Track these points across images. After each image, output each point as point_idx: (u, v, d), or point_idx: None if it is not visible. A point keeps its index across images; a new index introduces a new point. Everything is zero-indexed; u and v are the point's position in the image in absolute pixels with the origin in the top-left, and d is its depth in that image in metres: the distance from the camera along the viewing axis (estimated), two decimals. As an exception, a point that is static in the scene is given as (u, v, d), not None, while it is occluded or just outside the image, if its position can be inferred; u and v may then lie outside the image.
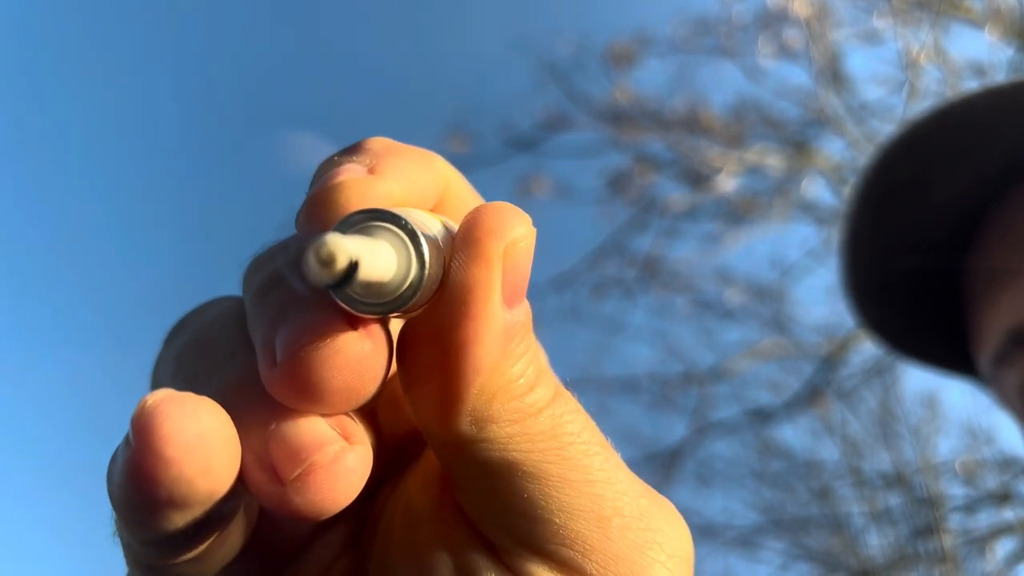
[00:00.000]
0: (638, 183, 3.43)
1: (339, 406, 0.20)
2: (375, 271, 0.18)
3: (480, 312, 0.20)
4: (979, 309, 0.57)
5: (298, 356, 0.19)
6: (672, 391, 3.44)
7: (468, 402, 0.21)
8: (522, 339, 0.21)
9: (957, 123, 0.56)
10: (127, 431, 0.19)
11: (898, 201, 0.58)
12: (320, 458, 0.19)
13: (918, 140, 0.57)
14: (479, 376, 0.20)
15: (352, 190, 0.21)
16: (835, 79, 3.23)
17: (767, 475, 3.48)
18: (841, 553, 3.41)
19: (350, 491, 0.20)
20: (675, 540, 0.22)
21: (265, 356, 0.20)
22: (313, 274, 0.17)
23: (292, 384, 0.19)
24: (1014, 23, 2.98)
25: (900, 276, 0.61)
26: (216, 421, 0.19)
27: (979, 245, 0.58)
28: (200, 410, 0.19)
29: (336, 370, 0.19)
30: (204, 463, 0.18)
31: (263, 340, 0.20)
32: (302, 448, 0.19)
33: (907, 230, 0.59)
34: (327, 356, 0.19)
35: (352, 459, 0.20)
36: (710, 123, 3.35)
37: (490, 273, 0.20)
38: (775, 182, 3.40)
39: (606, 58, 3.44)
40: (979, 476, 3.08)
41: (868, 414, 3.45)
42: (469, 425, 0.21)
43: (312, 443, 0.19)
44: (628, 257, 3.44)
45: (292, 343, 0.19)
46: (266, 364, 0.20)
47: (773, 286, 3.44)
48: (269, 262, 0.22)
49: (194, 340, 0.23)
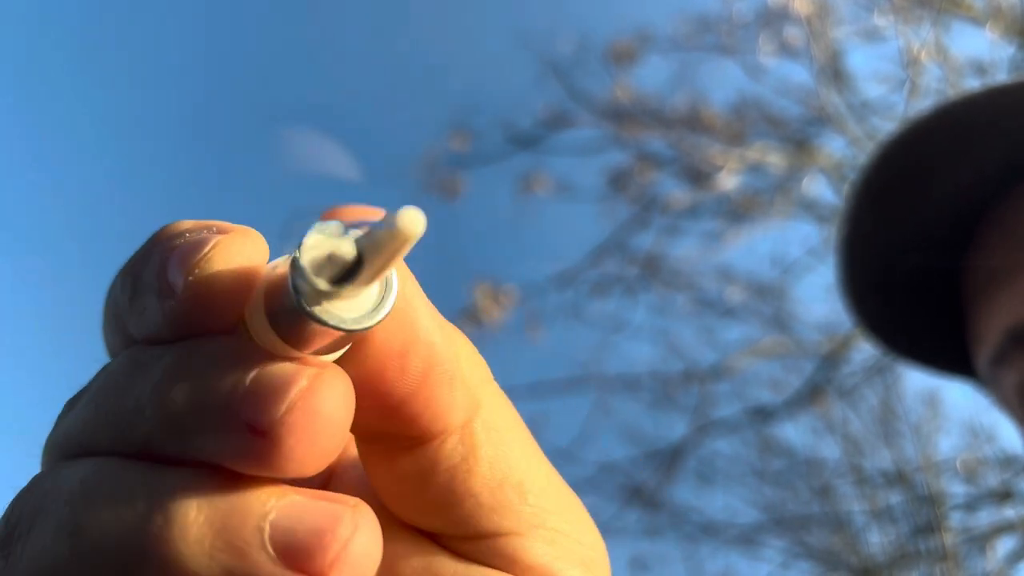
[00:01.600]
0: (639, 181, 3.42)
1: (323, 463, 0.18)
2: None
3: (419, 292, 0.20)
4: (978, 308, 0.57)
5: (290, 423, 0.17)
6: (673, 389, 3.44)
7: (460, 376, 0.20)
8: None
9: (958, 121, 0.56)
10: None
11: (898, 199, 0.58)
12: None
13: (919, 138, 0.57)
14: (450, 348, 0.20)
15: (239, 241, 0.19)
16: (836, 77, 3.23)
17: (768, 473, 3.48)
18: (842, 551, 3.41)
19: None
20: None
21: (230, 425, 0.18)
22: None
23: (290, 456, 0.17)
24: (1015, 21, 2.98)
25: (899, 275, 0.60)
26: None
27: (979, 244, 0.58)
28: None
29: (338, 426, 0.18)
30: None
31: (222, 405, 0.18)
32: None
33: (906, 228, 0.59)
34: (328, 416, 0.18)
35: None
36: (711, 121, 3.35)
37: (410, 276, 0.20)
38: (776, 180, 3.40)
39: (607, 56, 3.43)
40: (980, 474, 3.08)
41: (869, 412, 3.45)
42: (468, 400, 0.21)
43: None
44: (629, 255, 3.44)
45: (275, 406, 0.17)
46: (238, 436, 0.18)
47: (774, 284, 3.44)
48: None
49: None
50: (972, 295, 0.58)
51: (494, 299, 3.36)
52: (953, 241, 0.58)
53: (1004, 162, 0.56)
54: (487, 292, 3.36)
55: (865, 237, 0.60)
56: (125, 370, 0.20)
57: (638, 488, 3.37)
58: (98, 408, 0.19)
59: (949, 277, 0.60)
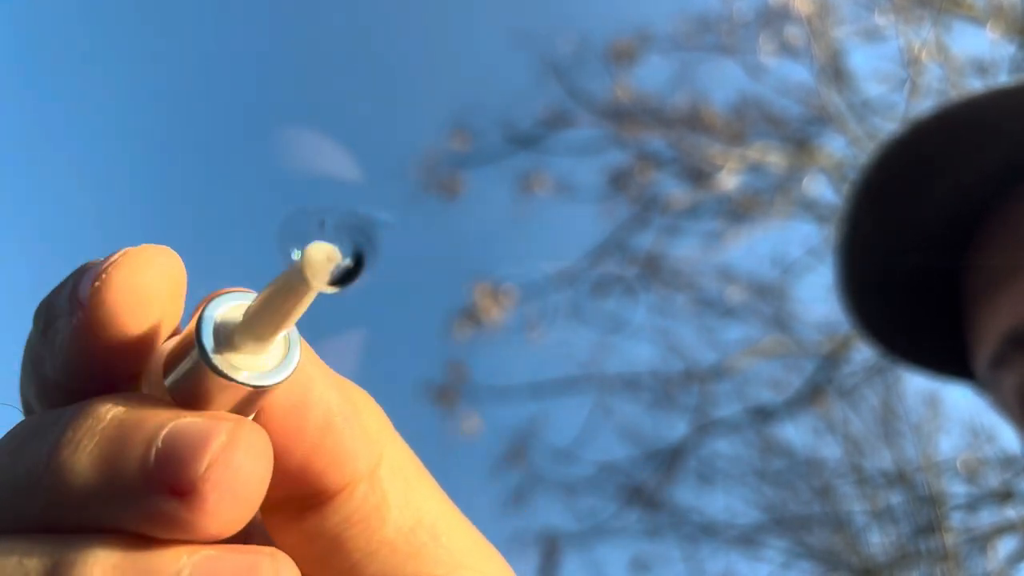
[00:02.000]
0: (639, 180, 3.42)
1: (240, 525, 0.17)
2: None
3: (312, 356, 0.20)
4: (977, 310, 0.56)
5: (214, 480, 0.16)
6: (673, 389, 3.43)
7: (360, 429, 0.20)
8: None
9: (960, 122, 0.55)
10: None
11: (898, 198, 0.58)
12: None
13: (920, 138, 0.56)
14: (346, 404, 0.20)
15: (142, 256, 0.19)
16: (837, 76, 3.22)
17: (768, 473, 3.48)
18: (843, 551, 3.41)
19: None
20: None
21: (146, 489, 0.16)
22: (316, 274, 0.16)
23: (214, 514, 0.16)
24: (1016, 20, 2.98)
25: (898, 275, 0.60)
26: None
27: (979, 244, 0.58)
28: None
29: (261, 480, 0.17)
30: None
31: (135, 467, 0.17)
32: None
33: (906, 228, 0.58)
34: (251, 470, 0.17)
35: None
36: (711, 120, 3.35)
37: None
38: (776, 180, 3.39)
39: (607, 55, 3.43)
40: (981, 474, 3.08)
41: (870, 412, 3.44)
42: (369, 452, 0.20)
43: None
44: (629, 255, 3.44)
45: (196, 463, 0.16)
46: (156, 499, 0.16)
47: (774, 284, 3.44)
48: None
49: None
50: (972, 296, 0.57)
51: (493, 299, 3.36)
52: (953, 242, 0.58)
53: (1005, 162, 0.55)
54: (486, 292, 3.36)
55: (864, 237, 0.59)
56: (20, 437, 0.18)
57: (638, 488, 3.36)
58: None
59: (949, 278, 0.59)
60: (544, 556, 3.19)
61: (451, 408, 3.33)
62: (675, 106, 3.42)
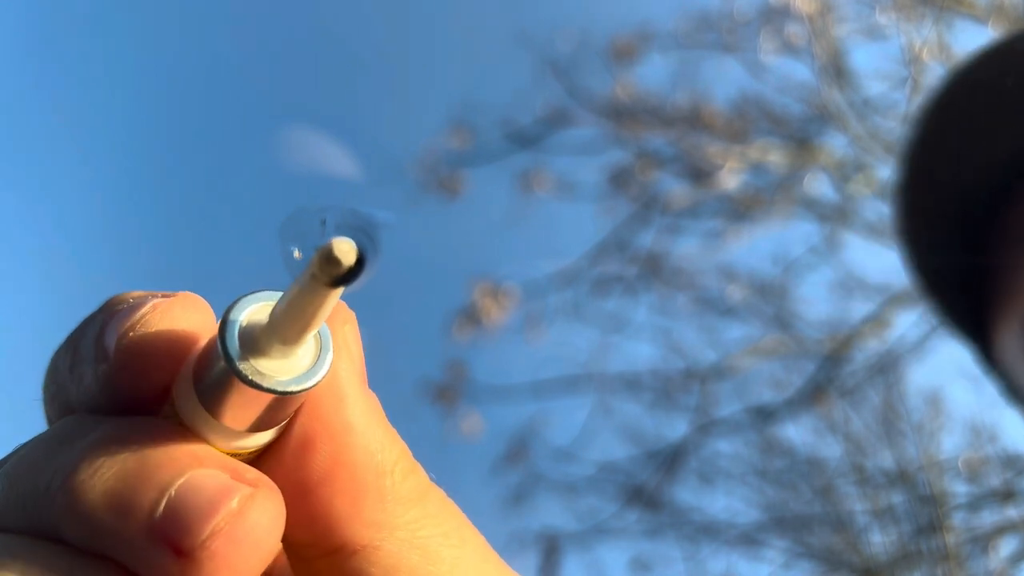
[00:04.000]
0: (640, 179, 3.41)
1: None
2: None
3: (356, 396, 0.19)
4: (1012, 273, 0.54)
5: (213, 549, 0.16)
6: (674, 389, 3.43)
7: (377, 485, 0.19)
8: (386, 421, 0.20)
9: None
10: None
11: (970, 134, 0.54)
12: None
13: (1003, 61, 0.53)
14: (375, 455, 0.19)
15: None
16: (838, 75, 3.22)
17: (769, 473, 3.47)
18: (844, 551, 3.40)
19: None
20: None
21: (148, 537, 0.16)
22: (323, 270, 0.16)
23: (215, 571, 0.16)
24: (1017, 19, 2.97)
25: (965, 215, 0.57)
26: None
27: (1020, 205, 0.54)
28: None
29: (264, 551, 0.17)
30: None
31: (143, 514, 0.16)
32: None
33: (980, 166, 0.55)
34: (255, 543, 0.17)
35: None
36: (712, 119, 3.34)
37: (349, 356, 0.19)
38: (777, 178, 3.39)
39: (608, 53, 3.42)
40: (983, 474, 3.07)
41: (871, 411, 3.44)
42: (382, 512, 0.19)
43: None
44: (630, 254, 3.43)
45: (200, 528, 0.16)
46: (156, 550, 0.16)
47: (775, 283, 3.43)
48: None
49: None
50: (1008, 257, 0.54)
51: (494, 298, 3.35)
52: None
53: None
54: (487, 291, 3.35)
55: (933, 172, 0.56)
56: (48, 443, 0.18)
57: (639, 488, 3.36)
58: (13, 482, 0.18)
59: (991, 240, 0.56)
60: (544, 556, 3.18)
61: (451, 408, 3.33)
62: (676, 104, 3.41)
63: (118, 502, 0.16)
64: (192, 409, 0.18)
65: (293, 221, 0.17)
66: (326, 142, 0.21)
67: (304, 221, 0.17)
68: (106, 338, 0.18)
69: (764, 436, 3.47)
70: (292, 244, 0.17)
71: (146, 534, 0.16)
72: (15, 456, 0.19)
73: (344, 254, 0.16)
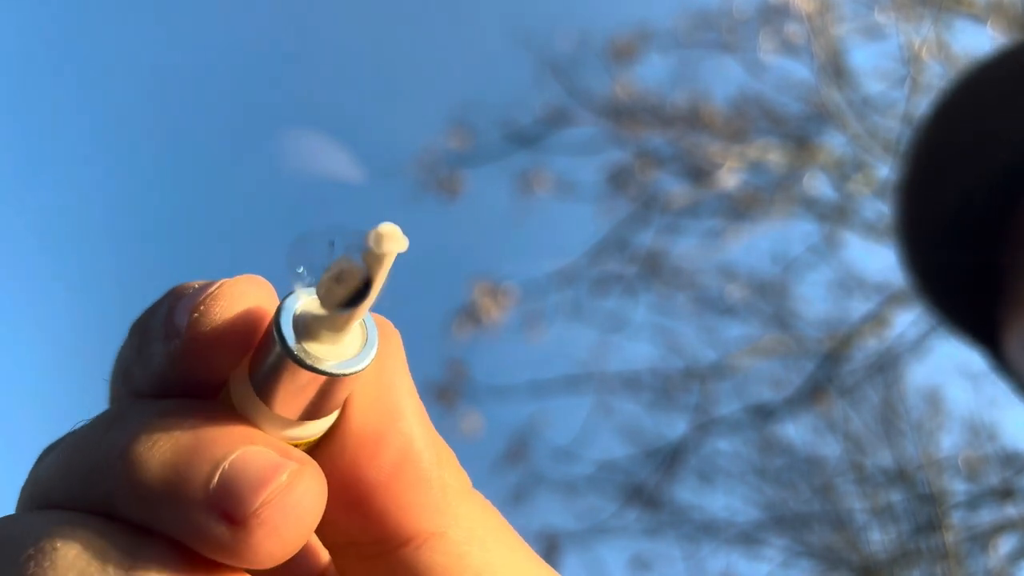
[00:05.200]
0: (639, 178, 3.42)
1: (290, 555, 0.18)
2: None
3: (414, 397, 0.20)
4: (1021, 273, 0.54)
5: (264, 517, 0.17)
6: (673, 388, 3.43)
7: (439, 479, 0.20)
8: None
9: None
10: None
11: (964, 144, 0.55)
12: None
13: (1004, 71, 0.53)
14: (433, 453, 0.20)
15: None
16: (837, 74, 3.22)
17: (769, 472, 3.47)
18: (843, 549, 3.40)
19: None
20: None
21: (202, 507, 0.17)
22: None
23: (258, 548, 0.17)
24: (1016, 17, 2.97)
25: (960, 224, 0.57)
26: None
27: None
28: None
29: (308, 524, 0.18)
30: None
31: (198, 485, 0.17)
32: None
33: (974, 174, 0.55)
34: (301, 514, 0.17)
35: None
36: (711, 118, 3.34)
37: (403, 362, 0.20)
38: (777, 177, 3.39)
39: (607, 53, 3.42)
40: (982, 472, 3.08)
41: (870, 410, 3.44)
42: (445, 503, 0.20)
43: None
44: (629, 253, 3.43)
45: (253, 497, 0.17)
46: (208, 520, 0.17)
47: (775, 282, 3.43)
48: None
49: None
50: (1017, 259, 0.55)
51: (494, 298, 3.36)
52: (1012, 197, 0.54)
53: None
54: (486, 291, 3.35)
55: (929, 179, 0.57)
56: (105, 422, 0.19)
57: (638, 487, 3.36)
58: (69, 458, 0.19)
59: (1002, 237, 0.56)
60: (544, 555, 3.18)
61: (451, 407, 3.33)
62: (675, 104, 3.41)
63: (174, 474, 0.17)
64: (246, 396, 0.19)
65: (300, 244, 0.18)
66: (326, 143, 0.22)
67: (312, 243, 0.17)
68: (176, 316, 0.18)
69: (763, 435, 3.47)
70: (301, 264, 0.17)
71: (202, 504, 0.17)
72: (70, 436, 0.19)
73: (392, 236, 0.17)
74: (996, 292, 0.56)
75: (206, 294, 0.18)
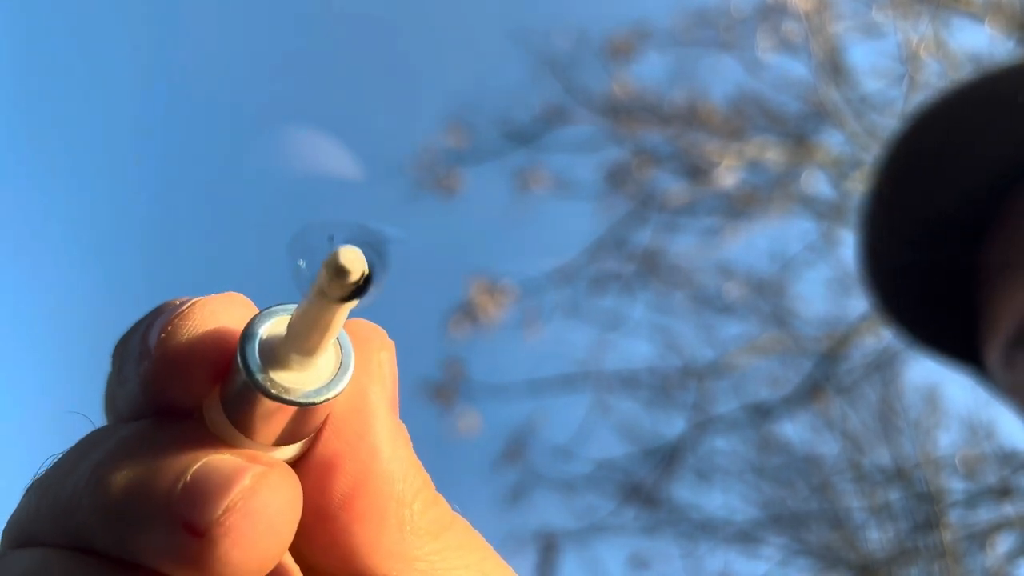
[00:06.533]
0: (637, 177, 3.41)
1: (265, 567, 0.17)
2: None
3: (384, 422, 0.19)
4: (994, 292, 0.55)
5: (228, 525, 0.16)
6: (671, 386, 3.43)
7: (397, 514, 0.19)
8: (412, 451, 0.20)
9: (987, 99, 0.54)
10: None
11: (921, 178, 0.56)
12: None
13: (948, 113, 0.55)
14: (396, 483, 0.19)
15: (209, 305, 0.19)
16: (835, 72, 3.22)
17: (767, 470, 3.48)
18: (841, 548, 3.41)
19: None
20: None
21: (165, 521, 0.16)
22: (327, 285, 0.16)
23: (226, 560, 0.16)
24: (1015, 16, 2.97)
25: (918, 254, 0.58)
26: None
27: (999, 228, 0.56)
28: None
29: (280, 531, 0.17)
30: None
31: (160, 498, 0.17)
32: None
33: (928, 209, 0.57)
34: (270, 520, 0.17)
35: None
36: (709, 116, 3.34)
37: (382, 381, 0.19)
38: (775, 176, 3.39)
39: (605, 51, 3.42)
40: (979, 470, 3.08)
41: (868, 409, 3.44)
42: (401, 543, 0.19)
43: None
44: (627, 251, 3.43)
45: (214, 505, 0.16)
46: (174, 534, 0.16)
47: (773, 280, 3.43)
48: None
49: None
50: (989, 278, 0.56)
51: (491, 296, 3.35)
52: (975, 223, 0.56)
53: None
54: (484, 289, 3.35)
55: (887, 215, 0.58)
56: (77, 451, 0.18)
57: (636, 485, 3.36)
58: (44, 491, 0.18)
59: (968, 259, 0.58)
60: (542, 554, 3.18)
61: (449, 406, 3.33)
62: (673, 102, 3.41)
63: (138, 489, 0.17)
64: (218, 421, 0.18)
65: (301, 237, 0.17)
66: (323, 141, 0.21)
67: (312, 237, 0.17)
68: (150, 336, 0.18)
69: (761, 433, 3.47)
70: (300, 260, 0.17)
71: (164, 516, 0.16)
72: (48, 469, 0.19)
73: (351, 263, 0.16)
74: (973, 308, 0.57)
75: (180, 311, 0.18)
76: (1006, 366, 0.54)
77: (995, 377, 0.57)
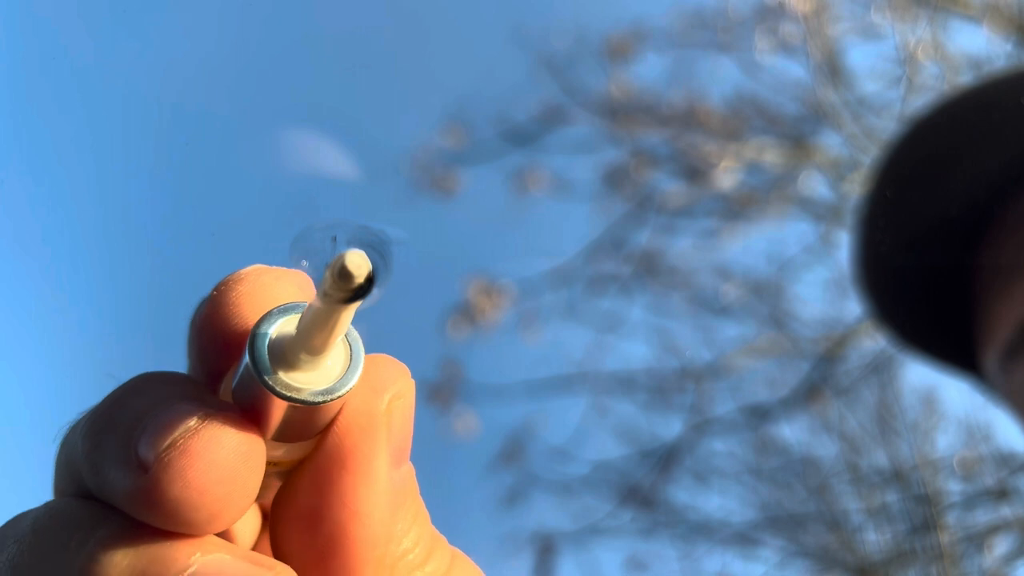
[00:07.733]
0: (635, 178, 3.41)
1: (218, 516, 0.17)
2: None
3: (375, 479, 0.18)
4: (991, 299, 0.55)
5: (166, 461, 0.16)
6: (669, 388, 3.43)
7: (371, 553, 0.18)
8: (412, 502, 0.19)
9: (987, 105, 0.54)
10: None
11: (918, 184, 0.57)
12: (180, 434, 0.17)
13: (946, 120, 0.55)
14: (374, 549, 0.18)
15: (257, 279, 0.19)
16: (833, 74, 3.22)
17: (764, 472, 3.47)
18: (838, 550, 3.41)
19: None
20: None
21: (122, 456, 0.17)
22: (331, 287, 0.16)
23: (168, 497, 0.16)
24: (1013, 18, 2.97)
25: (913, 261, 0.59)
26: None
27: (996, 234, 0.56)
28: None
29: (225, 476, 0.17)
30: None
31: (122, 433, 0.17)
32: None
33: (925, 214, 0.57)
34: (211, 463, 0.16)
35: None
36: (707, 118, 3.34)
37: (374, 431, 0.18)
38: (773, 177, 3.39)
39: (603, 52, 3.42)
40: (977, 472, 3.08)
41: (866, 411, 3.44)
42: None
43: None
44: (625, 252, 3.43)
45: (163, 437, 0.16)
46: (128, 469, 0.17)
47: (771, 282, 3.43)
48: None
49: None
50: (986, 285, 0.56)
51: (489, 297, 3.35)
52: (972, 229, 0.57)
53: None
54: (482, 290, 3.35)
55: (883, 221, 0.59)
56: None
57: (633, 487, 3.36)
58: (60, 449, 0.19)
59: (965, 266, 0.58)
60: (539, 556, 3.18)
61: (446, 407, 3.32)
62: (671, 103, 3.41)
63: (111, 429, 0.18)
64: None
65: (303, 238, 0.17)
66: (321, 141, 0.21)
67: (315, 238, 0.17)
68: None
69: (759, 435, 3.47)
70: (302, 260, 0.16)
71: (121, 452, 0.17)
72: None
73: (355, 266, 0.16)
74: (969, 312, 0.57)
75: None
76: (1003, 371, 0.54)
77: (992, 382, 0.57)
